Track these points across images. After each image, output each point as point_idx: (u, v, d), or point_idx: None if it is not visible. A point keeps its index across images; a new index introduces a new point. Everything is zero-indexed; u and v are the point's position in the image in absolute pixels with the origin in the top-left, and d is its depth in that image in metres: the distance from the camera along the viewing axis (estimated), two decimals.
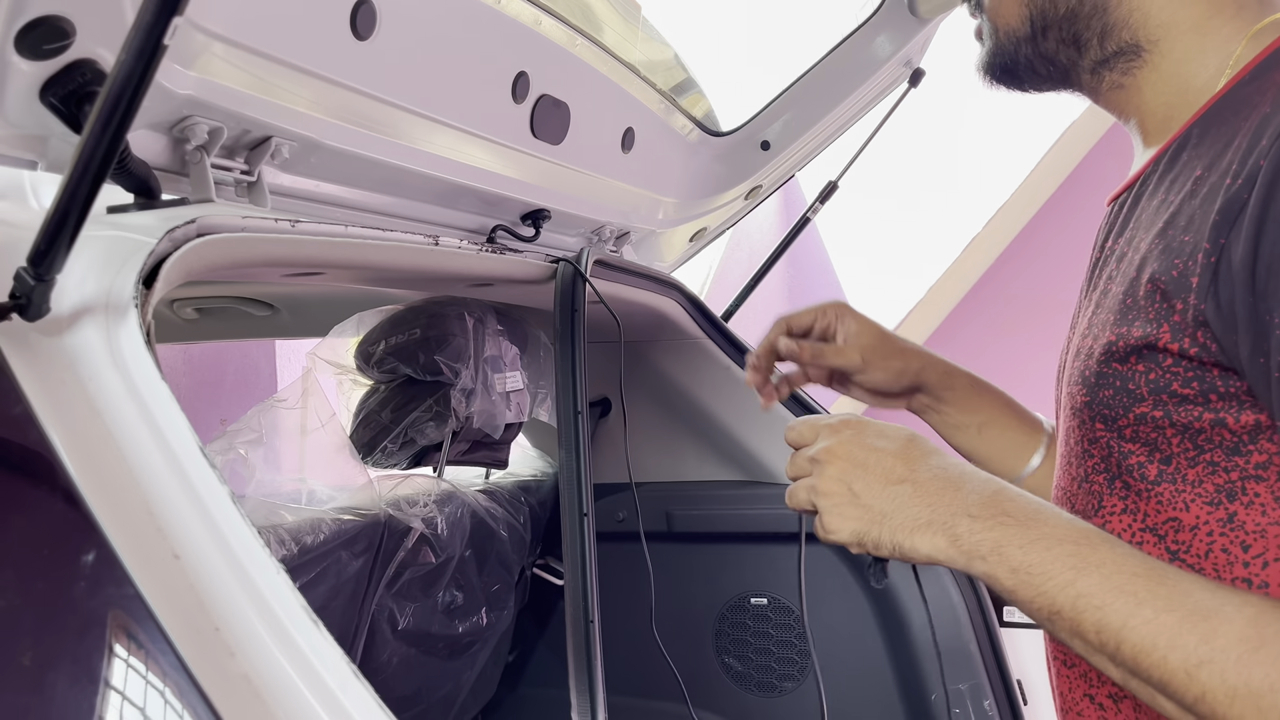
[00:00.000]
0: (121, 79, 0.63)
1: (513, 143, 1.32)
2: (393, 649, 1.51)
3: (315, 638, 0.60)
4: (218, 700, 0.57)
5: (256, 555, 0.62)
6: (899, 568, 1.74)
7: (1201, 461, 0.62)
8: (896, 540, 0.68)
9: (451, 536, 1.56)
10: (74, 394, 0.67)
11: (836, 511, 0.71)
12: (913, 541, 0.67)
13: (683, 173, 1.80)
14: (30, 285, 0.67)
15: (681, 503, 1.88)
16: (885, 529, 0.69)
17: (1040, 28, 0.75)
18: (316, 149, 1.08)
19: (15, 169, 0.83)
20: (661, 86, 1.62)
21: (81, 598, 0.59)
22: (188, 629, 0.59)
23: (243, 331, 2.05)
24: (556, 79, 1.35)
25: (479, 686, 1.79)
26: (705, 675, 1.86)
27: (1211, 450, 0.62)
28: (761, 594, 1.83)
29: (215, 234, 0.81)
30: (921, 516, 0.68)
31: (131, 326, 0.70)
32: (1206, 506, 0.62)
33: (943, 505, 0.67)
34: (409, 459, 1.61)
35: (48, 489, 0.63)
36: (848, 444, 0.73)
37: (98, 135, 0.65)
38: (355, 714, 0.58)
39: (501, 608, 1.73)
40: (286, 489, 1.42)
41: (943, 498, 0.68)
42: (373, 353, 1.56)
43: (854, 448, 0.72)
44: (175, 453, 0.65)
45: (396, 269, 1.07)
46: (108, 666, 0.58)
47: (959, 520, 0.66)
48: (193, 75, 0.88)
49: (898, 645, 1.72)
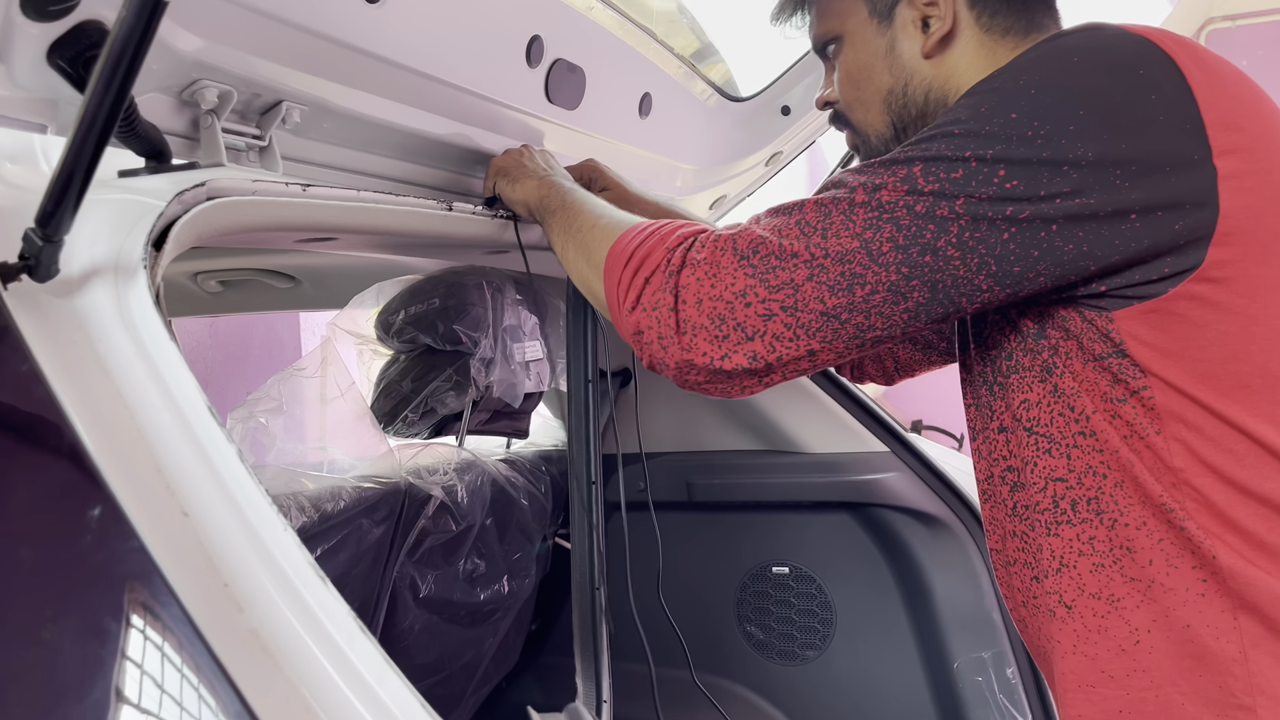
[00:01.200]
0: (123, 36, 0.63)
1: (527, 108, 1.31)
2: (414, 616, 1.52)
3: (322, 594, 0.60)
4: (225, 656, 0.57)
5: (264, 513, 0.62)
6: (928, 537, 1.73)
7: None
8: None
9: (472, 505, 1.56)
10: (83, 354, 0.67)
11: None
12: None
13: (701, 139, 1.77)
14: (38, 246, 0.67)
15: (702, 472, 1.87)
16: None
17: (900, 128, 0.97)
18: (328, 113, 1.07)
19: (25, 133, 0.83)
20: (679, 51, 1.59)
21: (90, 555, 0.60)
22: (196, 585, 0.59)
23: (266, 304, 2.06)
24: (571, 43, 1.33)
25: (501, 655, 1.80)
26: (727, 644, 1.86)
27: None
28: (783, 563, 1.83)
29: (225, 197, 0.81)
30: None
31: (141, 288, 0.70)
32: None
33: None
34: (430, 428, 1.61)
35: (57, 448, 0.63)
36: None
37: (100, 94, 0.64)
38: (363, 669, 0.58)
39: (523, 576, 1.74)
40: (307, 457, 1.43)
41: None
42: (392, 322, 1.57)
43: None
44: (184, 412, 0.65)
45: (409, 234, 1.07)
46: (116, 623, 0.58)
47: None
48: (200, 38, 0.88)
49: (920, 613, 1.71)
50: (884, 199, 0.79)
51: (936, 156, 0.79)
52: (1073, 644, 0.85)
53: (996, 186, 0.76)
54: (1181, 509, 0.78)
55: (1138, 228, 0.75)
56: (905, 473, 1.74)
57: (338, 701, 0.57)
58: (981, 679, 1.64)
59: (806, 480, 1.80)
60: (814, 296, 0.80)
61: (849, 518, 1.78)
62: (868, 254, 0.79)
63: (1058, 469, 0.84)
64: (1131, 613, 0.81)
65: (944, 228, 0.77)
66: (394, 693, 0.58)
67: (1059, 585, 0.85)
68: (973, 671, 1.64)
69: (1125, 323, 0.78)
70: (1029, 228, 0.76)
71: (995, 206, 0.76)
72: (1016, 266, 0.77)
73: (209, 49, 0.89)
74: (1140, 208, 0.75)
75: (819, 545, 1.81)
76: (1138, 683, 0.81)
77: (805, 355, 0.83)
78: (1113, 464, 0.81)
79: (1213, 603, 0.78)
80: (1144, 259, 0.76)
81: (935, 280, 0.79)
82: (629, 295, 0.89)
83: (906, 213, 0.78)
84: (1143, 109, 0.76)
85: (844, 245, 0.80)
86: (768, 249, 0.82)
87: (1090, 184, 0.75)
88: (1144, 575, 0.80)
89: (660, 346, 0.86)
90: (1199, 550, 0.78)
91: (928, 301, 0.80)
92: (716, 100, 1.73)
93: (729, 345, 0.83)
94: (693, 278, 0.84)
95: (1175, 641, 0.80)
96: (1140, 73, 0.77)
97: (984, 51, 0.92)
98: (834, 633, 1.78)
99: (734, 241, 0.84)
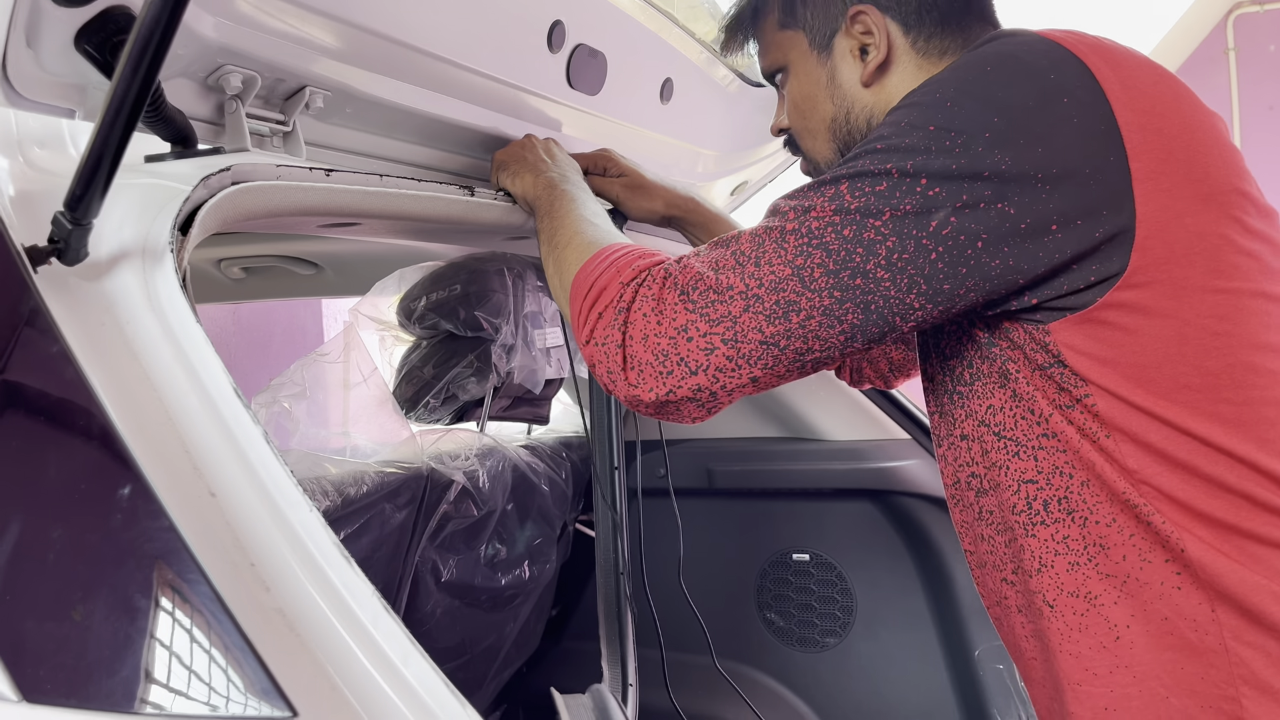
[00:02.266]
0: (149, 21, 0.64)
1: (549, 93, 1.31)
2: (436, 600, 1.53)
3: (348, 574, 0.60)
4: (253, 634, 0.58)
5: (290, 493, 0.62)
6: (949, 524, 1.72)
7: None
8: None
9: (493, 490, 1.57)
10: (112, 336, 0.68)
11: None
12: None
13: (723, 124, 1.77)
14: (67, 229, 0.68)
15: (723, 459, 1.87)
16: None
17: (845, 154, 0.99)
18: (351, 99, 1.07)
19: (54, 117, 0.84)
20: (701, 36, 1.59)
21: (121, 534, 0.61)
22: (224, 564, 0.60)
23: (289, 290, 2.07)
24: (593, 28, 1.33)
25: (522, 639, 1.81)
26: (747, 630, 1.87)
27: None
28: (803, 550, 1.83)
29: (249, 182, 0.82)
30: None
31: (168, 271, 0.71)
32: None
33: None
34: (451, 414, 1.62)
35: (88, 429, 0.64)
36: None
37: (128, 78, 0.65)
38: (387, 648, 0.58)
39: (543, 561, 1.75)
40: (331, 442, 1.44)
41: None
42: (414, 309, 1.57)
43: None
44: (210, 394, 0.66)
45: (432, 219, 1.07)
46: (146, 600, 0.59)
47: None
48: (225, 23, 0.88)
49: (941, 601, 1.71)
50: (812, 225, 0.80)
51: (861, 172, 0.80)
52: (1058, 643, 0.85)
53: (919, 197, 0.77)
54: (1147, 505, 0.78)
55: (1059, 238, 0.76)
56: (927, 460, 1.73)
57: (363, 680, 0.57)
58: (1002, 666, 1.63)
59: (827, 467, 1.80)
60: (752, 327, 0.82)
61: (870, 505, 1.78)
62: (799, 280, 0.80)
63: (1027, 471, 0.84)
64: (1110, 609, 0.81)
65: (872, 250, 0.78)
66: (419, 673, 0.58)
67: (1041, 585, 0.85)
68: (993, 659, 1.64)
69: (1061, 334, 0.79)
70: (955, 245, 0.77)
71: (920, 220, 0.77)
72: (946, 284, 0.78)
73: (234, 34, 0.89)
74: (1060, 217, 0.75)
75: (840, 532, 1.80)
76: (1121, 679, 0.81)
77: (749, 382, 0.84)
78: (1076, 463, 0.81)
79: (1189, 596, 0.78)
80: (1068, 267, 0.77)
81: (867, 302, 0.79)
82: (584, 328, 0.90)
83: (835, 236, 0.79)
84: (1055, 113, 0.76)
85: (776, 274, 0.81)
86: (705, 284, 0.84)
87: (1009, 192, 0.75)
88: (1119, 571, 0.80)
89: (610, 380, 0.88)
90: (1169, 544, 0.78)
91: (862, 323, 0.81)
92: (738, 85, 1.73)
93: (673, 381, 0.84)
94: (639, 314, 0.86)
95: (1155, 635, 0.79)
96: (1051, 77, 0.77)
97: (921, 74, 0.94)
98: (854, 620, 1.78)
99: (676, 279, 0.86)
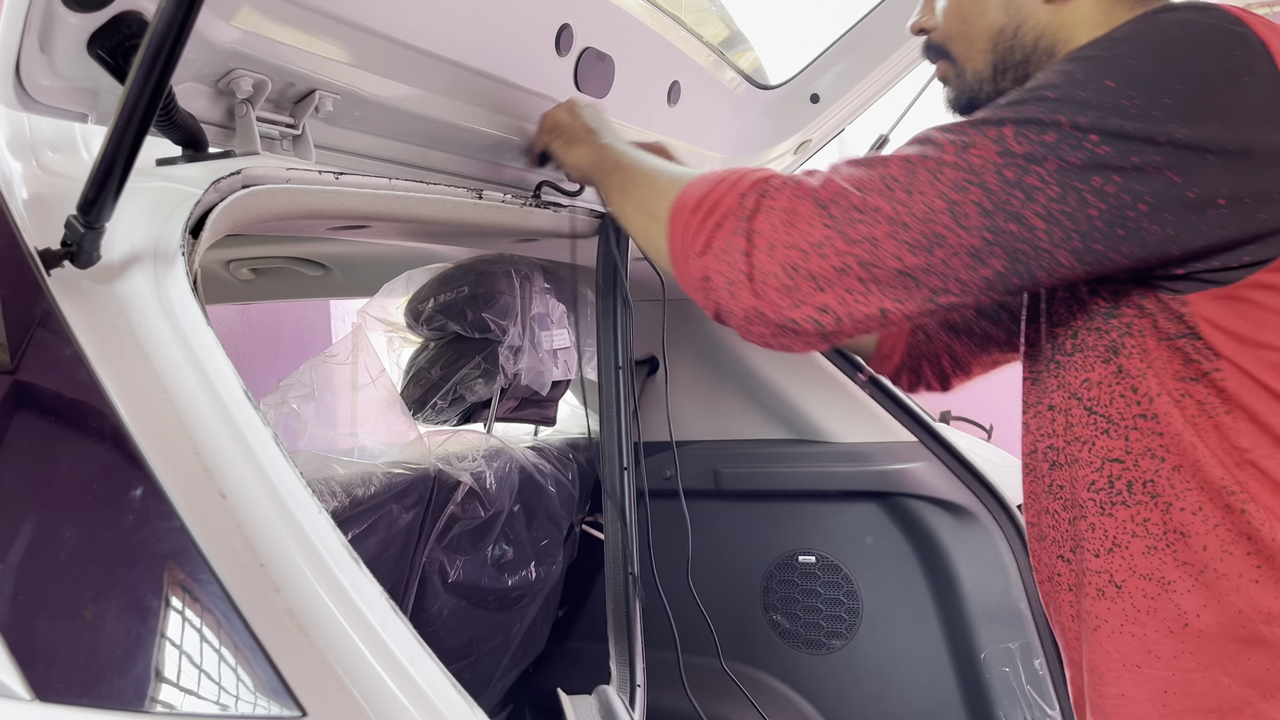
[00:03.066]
0: (162, 27, 0.64)
1: (557, 96, 1.32)
2: (443, 601, 1.54)
3: (356, 575, 0.61)
4: (263, 634, 0.58)
5: (299, 495, 0.63)
6: (956, 527, 1.72)
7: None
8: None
9: (500, 491, 1.58)
10: (124, 339, 0.69)
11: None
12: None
13: (730, 127, 1.77)
14: (80, 233, 0.69)
15: (729, 461, 1.87)
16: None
17: (1001, 70, 0.94)
18: (360, 102, 1.08)
19: (67, 121, 0.85)
20: (708, 39, 1.59)
21: (132, 534, 0.61)
22: (234, 565, 0.60)
23: (297, 291, 2.08)
24: (601, 31, 1.33)
25: (529, 640, 1.82)
26: (753, 632, 1.87)
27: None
28: (809, 552, 1.83)
29: (260, 185, 0.82)
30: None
31: (179, 274, 0.72)
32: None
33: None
34: (459, 415, 1.63)
35: (100, 430, 0.65)
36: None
37: (141, 83, 0.66)
38: (395, 648, 0.59)
39: (550, 562, 1.75)
40: (339, 443, 1.45)
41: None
42: (422, 310, 1.58)
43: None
44: (221, 396, 0.66)
45: (440, 222, 1.08)
46: (157, 600, 0.60)
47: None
48: (236, 28, 0.89)
49: (947, 604, 1.71)
50: (973, 160, 0.77)
51: (1029, 119, 0.76)
52: (1120, 623, 0.85)
53: (1088, 152, 0.74)
54: (1243, 490, 0.78)
55: (1224, 214, 0.74)
56: (933, 462, 1.73)
57: (371, 680, 0.58)
58: (1009, 670, 1.63)
59: (834, 469, 1.79)
60: (892, 254, 0.78)
61: (876, 507, 1.78)
62: (951, 215, 0.77)
63: (1115, 450, 0.84)
64: (1183, 596, 0.81)
65: (1032, 196, 0.75)
66: (426, 673, 0.59)
67: (1110, 565, 0.85)
68: (1000, 662, 1.64)
69: (1199, 305, 0.78)
70: (1117, 205, 0.74)
71: (1084, 175, 0.74)
72: (1099, 244, 0.76)
73: (245, 39, 0.90)
74: (1228, 194, 0.74)
75: (846, 535, 1.80)
76: (1185, 664, 0.81)
77: (877, 314, 0.81)
78: (1173, 448, 0.81)
79: (1266, 589, 0.78)
80: (1227, 247, 0.75)
81: (1016, 249, 0.77)
82: (698, 240, 0.86)
83: (996, 177, 0.76)
84: (1236, 89, 0.74)
85: (929, 204, 0.78)
86: (849, 201, 0.80)
87: (1179, 162, 0.73)
88: (1197, 560, 0.80)
89: (729, 293, 0.84)
90: (1257, 535, 0.78)
91: (1005, 271, 0.78)
92: (745, 88, 1.73)
93: (799, 295, 0.81)
94: (767, 223, 0.82)
95: (1226, 626, 0.80)
96: (1236, 54, 0.75)
97: (1102, 8, 0.88)
98: (860, 622, 1.78)
99: (815, 190, 0.82)
